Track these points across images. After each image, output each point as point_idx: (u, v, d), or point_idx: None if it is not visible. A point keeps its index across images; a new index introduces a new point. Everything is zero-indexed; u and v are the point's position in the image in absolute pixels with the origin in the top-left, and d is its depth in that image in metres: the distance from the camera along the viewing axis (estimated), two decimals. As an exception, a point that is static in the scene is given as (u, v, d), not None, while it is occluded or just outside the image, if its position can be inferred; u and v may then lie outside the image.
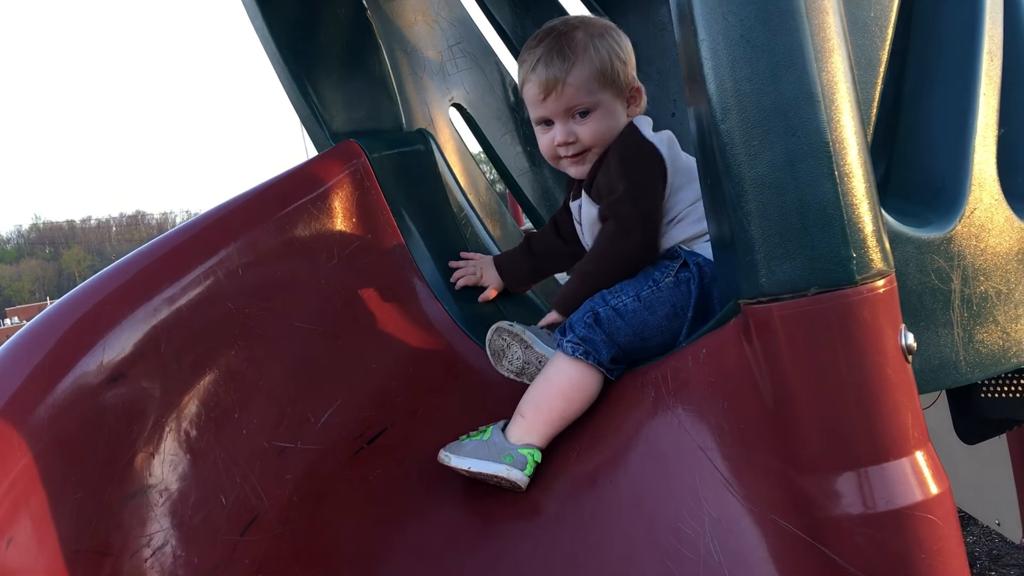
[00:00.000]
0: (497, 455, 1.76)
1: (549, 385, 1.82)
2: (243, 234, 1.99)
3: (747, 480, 1.42)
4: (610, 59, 2.00)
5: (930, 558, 1.24)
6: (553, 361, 1.86)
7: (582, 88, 1.99)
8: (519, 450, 1.76)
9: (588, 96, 2.00)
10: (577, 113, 2.02)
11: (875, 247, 1.28)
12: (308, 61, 2.44)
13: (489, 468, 1.75)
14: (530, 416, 1.80)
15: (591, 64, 1.99)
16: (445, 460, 1.80)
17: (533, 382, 1.88)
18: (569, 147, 2.04)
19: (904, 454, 1.27)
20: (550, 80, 2.00)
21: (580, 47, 2.00)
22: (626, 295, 1.87)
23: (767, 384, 1.34)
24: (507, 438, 1.79)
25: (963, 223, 1.52)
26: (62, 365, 1.57)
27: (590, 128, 2.02)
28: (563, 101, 2.01)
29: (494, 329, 2.02)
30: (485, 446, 1.79)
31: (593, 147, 2.04)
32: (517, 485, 1.73)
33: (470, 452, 1.79)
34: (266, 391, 1.89)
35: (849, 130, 1.27)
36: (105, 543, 1.51)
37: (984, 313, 1.52)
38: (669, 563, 1.44)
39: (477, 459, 1.77)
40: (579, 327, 1.83)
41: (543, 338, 2.00)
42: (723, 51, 1.29)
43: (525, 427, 1.80)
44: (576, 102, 2.01)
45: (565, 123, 2.03)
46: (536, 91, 2.03)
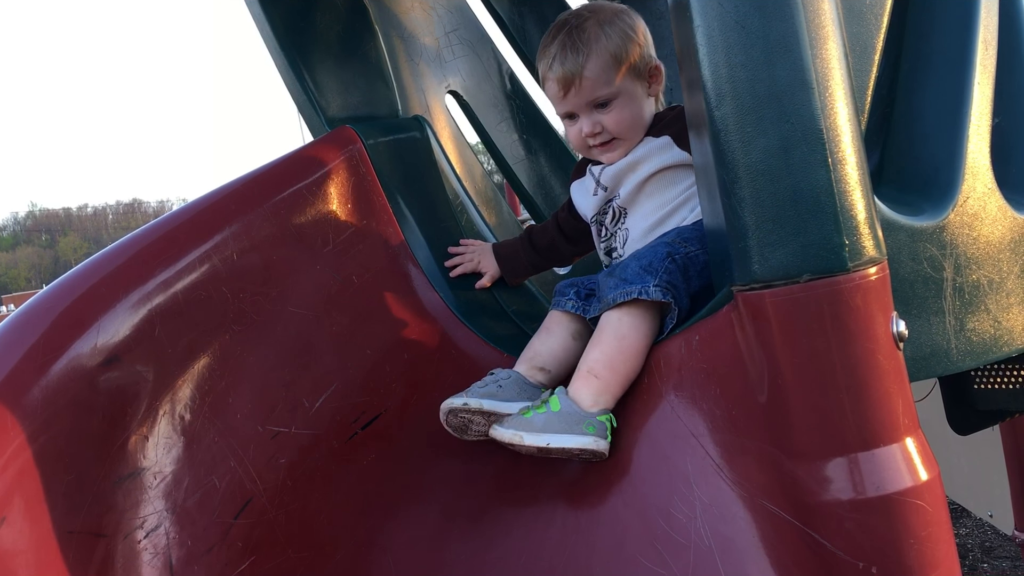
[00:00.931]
0: (576, 426, 1.62)
1: (623, 342, 1.70)
2: (238, 219, 1.99)
3: (738, 466, 1.43)
4: (623, 44, 2.01)
5: (919, 544, 1.25)
6: (620, 316, 1.73)
7: (600, 79, 2.01)
8: (598, 417, 1.64)
9: (607, 87, 2.01)
10: (599, 104, 2.03)
11: (868, 234, 1.28)
12: (304, 47, 2.43)
13: (572, 442, 1.60)
14: (606, 377, 1.68)
15: (605, 53, 2.00)
16: (514, 439, 1.64)
17: (596, 340, 1.75)
18: (597, 137, 2.06)
19: (894, 440, 1.28)
20: (567, 76, 2.01)
21: (592, 38, 2.00)
22: (692, 245, 1.82)
23: (759, 370, 1.35)
24: (580, 405, 1.66)
25: (956, 212, 1.52)
26: (56, 347, 1.57)
27: (614, 117, 2.03)
28: (583, 95, 2.02)
29: (447, 411, 1.82)
30: (559, 418, 1.64)
31: (622, 133, 2.05)
32: (601, 455, 1.62)
33: (544, 427, 1.63)
34: (260, 376, 1.89)
35: (843, 117, 1.28)
36: (99, 525, 1.52)
37: (976, 302, 1.53)
38: (660, 548, 1.45)
39: (555, 434, 1.62)
40: (661, 272, 1.74)
41: (497, 394, 1.81)
42: (718, 37, 1.29)
43: (599, 389, 1.67)
44: (596, 94, 2.02)
45: (589, 115, 2.05)
46: (556, 88, 2.05)
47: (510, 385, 1.86)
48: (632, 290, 1.73)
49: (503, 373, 1.91)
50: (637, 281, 1.74)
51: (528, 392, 1.85)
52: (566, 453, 1.62)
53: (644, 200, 2.06)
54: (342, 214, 2.22)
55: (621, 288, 1.75)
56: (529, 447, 1.63)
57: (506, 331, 2.23)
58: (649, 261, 1.78)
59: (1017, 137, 1.77)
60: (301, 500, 1.80)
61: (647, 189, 2.05)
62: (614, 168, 2.09)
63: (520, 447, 1.64)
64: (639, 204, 2.07)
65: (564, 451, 1.62)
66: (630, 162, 2.06)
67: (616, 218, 2.12)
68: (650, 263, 1.78)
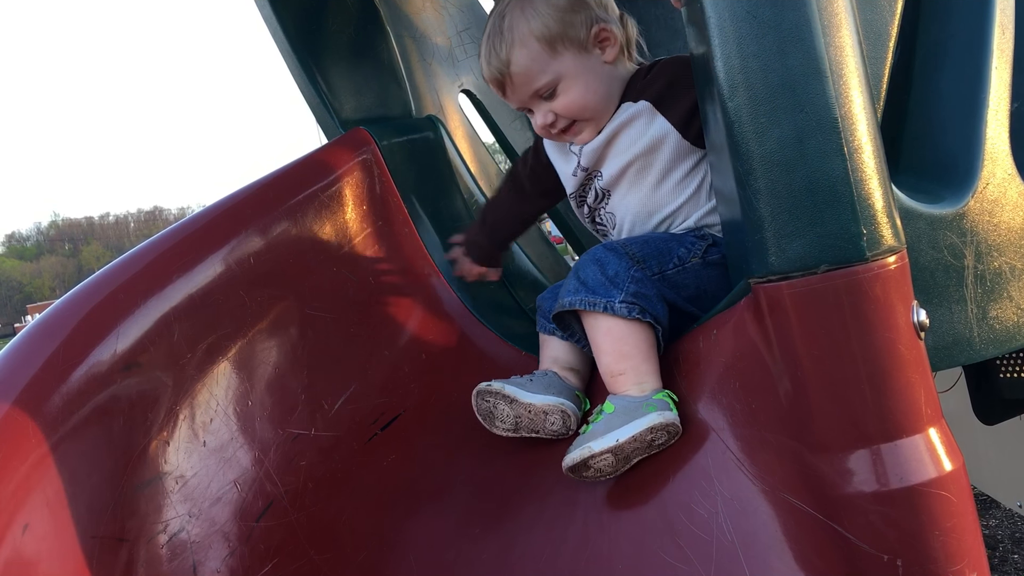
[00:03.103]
0: (636, 412, 1.54)
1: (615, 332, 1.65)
2: (254, 223, 2.00)
3: (759, 459, 1.42)
4: (550, 21, 1.81)
5: (944, 535, 1.24)
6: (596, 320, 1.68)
7: (532, 69, 1.84)
8: (653, 397, 1.58)
9: (543, 75, 1.84)
10: (543, 95, 1.87)
11: (886, 223, 1.26)
12: (316, 49, 2.44)
13: (639, 426, 1.52)
14: (629, 368, 1.63)
15: (530, 39, 1.82)
16: (584, 453, 1.54)
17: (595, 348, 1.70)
18: (555, 126, 1.90)
19: (917, 431, 1.26)
20: (496, 76, 1.88)
21: (513, 26, 1.83)
22: (650, 269, 1.73)
23: (778, 363, 1.34)
24: (630, 395, 1.60)
25: (976, 199, 1.50)
26: (76, 354, 1.58)
27: (563, 102, 1.86)
28: (520, 91, 1.88)
29: (476, 393, 1.85)
30: (616, 416, 1.57)
31: (580, 116, 1.89)
32: (676, 428, 1.53)
33: (607, 428, 1.55)
34: (279, 378, 1.90)
35: (858, 105, 1.26)
36: (121, 529, 1.52)
37: (998, 289, 1.51)
38: (682, 543, 1.44)
39: (619, 428, 1.53)
40: (627, 283, 1.67)
41: (525, 385, 1.83)
42: (730, 28, 1.27)
43: (634, 379, 1.62)
44: (534, 86, 1.86)
45: (539, 107, 1.89)
46: (494, 88, 1.92)
47: (542, 379, 1.84)
48: (596, 302, 1.66)
49: (540, 372, 1.89)
50: (602, 293, 1.67)
51: (559, 388, 1.82)
52: (641, 442, 1.52)
53: (630, 189, 1.91)
54: (357, 216, 2.22)
55: (582, 295, 1.69)
56: (602, 454, 1.53)
57: (523, 329, 2.23)
58: (615, 271, 1.69)
59: (1038, 122, 1.74)
60: (322, 502, 1.80)
61: (631, 174, 1.90)
62: (591, 146, 1.92)
63: (596, 460, 1.54)
64: (623, 192, 1.93)
65: (637, 440, 1.51)
66: (608, 135, 1.89)
67: (599, 198, 1.98)
68: (615, 274, 1.69)
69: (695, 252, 1.78)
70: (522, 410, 1.80)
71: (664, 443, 1.55)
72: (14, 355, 1.56)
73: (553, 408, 1.79)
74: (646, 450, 1.54)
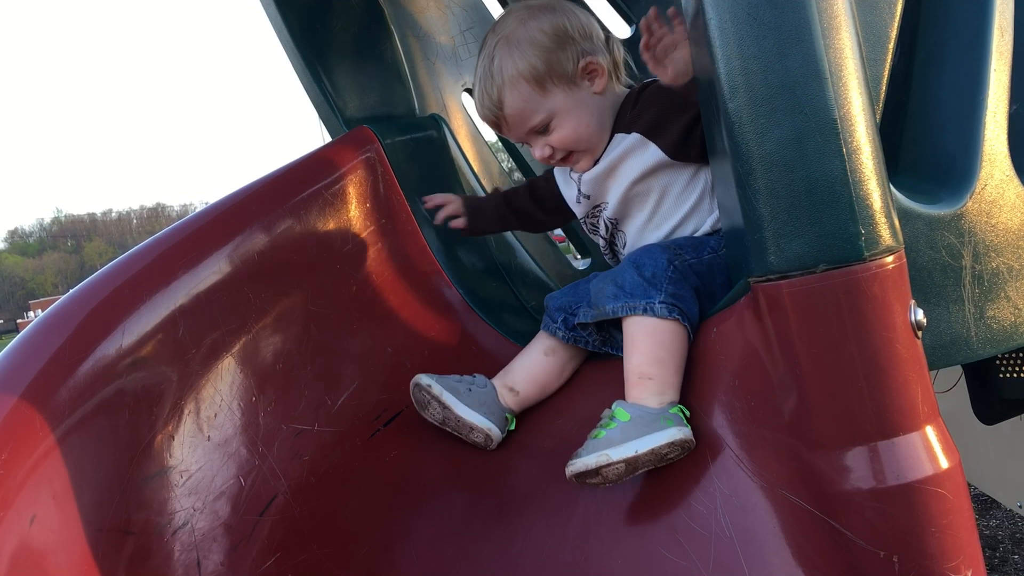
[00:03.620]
0: (654, 424, 1.53)
1: (657, 335, 1.65)
2: (259, 220, 2.01)
3: (758, 456, 1.43)
4: (536, 60, 1.85)
5: (940, 532, 1.25)
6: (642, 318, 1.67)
7: (525, 109, 1.88)
8: (669, 410, 1.57)
9: (536, 113, 1.89)
10: (538, 131, 1.92)
11: (884, 223, 1.28)
12: (321, 48, 2.46)
13: (658, 440, 1.51)
14: (659, 375, 1.62)
15: (519, 80, 1.86)
16: (600, 460, 1.52)
17: (631, 345, 1.68)
18: (554, 157, 1.96)
19: (914, 428, 1.28)
20: (491, 119, 1.94)
21: (502, 68, 1.87)
22: (688, 254, 1.76)
23: (777, 361, 1.35)
24: (647, 406, 1.59)
25: (974, 199, 1.51)
26: (82, 349, 1.60)
27: (558, 136, 1.91)
28: (516, 129, 1.93)
29: (414, 384, 1.93)
30: (633, 425, 1.55)
31: (576, 147, 1.94)
32: (691, 444, 1.53)
33: (624, 437, 1.53)
34: (282, 374, 1.92)
35: (857, 106, 1.27)
36: (127, 522, 1.54)
37: (995, 289, 1.52)
38: (681, 539, 1.46)
39: (637, 439, 1.52)
40: (665, 283, 1.68)
41: (462, 395, 1.88)
42: (730, 29, 1.29)
43: (658, 388, 1.61)
44: (528, 125, 1.91)
45: (535, 141, 1.94)
46: (492, 128, 2.00)
47: (480, 394, 1.90)
48: (636, 305, 1.68)
49: (482, 381, 1.94)
50: (640, 295, 1.68)
51: (491, 408, 1.89)
52: (656, 456, 1.52)
53: (635, 212, 1.96)
54: (361, 213, 2.24)
55: (623, 300, 1.70)
56: (618, 463, 1.51)
57: (525, 327, 2.25)
58: (652, 272, 1.71)
59: (1037, 124, 1.76)
60: (325, 497, 1.82)
61: (634, 200, 1.94)
62: (591, 176, 1.98)
63: (608, 469, 1.52)
64: (630, 216, 1.98)
65: (653, 453, 1.51)
66: (605, 168, 1.94)
67: (609, 229, 2.04)
68: (653, 275, 1.70)
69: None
70: (451, 415, 1.89)
71: (675, 458, 1.54)
72: (21, 349, 1.58)
73: (479, 427, 1.88)
74: (657, 463, 1.54)
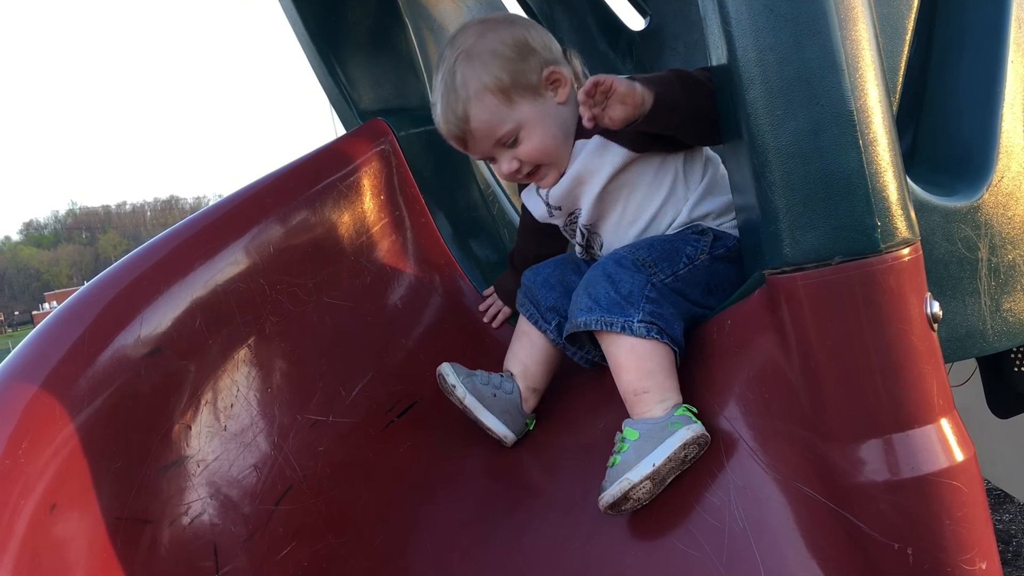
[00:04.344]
0: (663, 433, 1.52)
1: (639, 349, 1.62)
2: (274, 212, 2.03)
3: (772, 449, 1.43)
4: (500, 72, 1.80)
5: (955, 524, 1.25)
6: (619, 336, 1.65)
7: (492, 123, 1.82)
8: (674, 414, 1.56)
9: (503, 125, 1.82)
10: (507, 143, 1.85)
11: (900, 215, 1.28)
12: (335, 40, 2.47)
13: (672, 446, 1.50)
14: (653, 385, 1.61)
15: (484, 93, 1.80)
16: (624, 487, 1.50)
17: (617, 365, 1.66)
18: (521, 172, 1.89)
19: (929, 421, 1.28)
20: (455, 134, 1.87)
21: (464, 83, 1.81)
22: (663, 272, 1.72)
23: (792, 353, 1.35)
24: (652, 418, 1.58)
25: (990, 192, 1.51)
26: (101, 340, 1.61)
27: (527, 148, 1.85)
28: (482, 144, 1.86)
29: (439, 375, 1.90)
30: (644, 441, 1.54)
31: (543, 160, 1.88)
32: (706, 438, 1.52)
33: (638, 456, 1.52)
34: (298, 365, 1.93)
35: (873, 98, 1.27)
36: (145, 511, 1.56)
37: (1012, 282, 1.51)
38: (695, 531, 1.46)
39: (651, 453, 1.51)
40: (642, 302, 1.65)
41: (486, 399, 1.86)
42: (746, 21, 1.29)
43: (656, 398, 1.60)
44: (494, 137, 1.84)
45: (502, 155, 1.87)
46: (453, 143, 1.90)
47: (505, 401, 1.88)
48: (613, 321, 1.64)
49: (509, 385, 1.90)
50: (617, 312, 1.65)
51: (514, 417, 1.88)
52: (675, 461, 1.50)
53: (609, 213, 1.91)
54: (375, 205, 2.25)
55: (597, 314, 1.66)
56: (641, 483, 1.50)
57: (540, 319, 2.24)
58: (629, 290, 1.66)
59: (1053, 115, 1.74)
60: (340, 487, 1.83)
61: (606, 201, 1.89)
62: (558, 189, 1.92)
63: (635, 491, 1.51)
64: (605, 218, 1.92)
65: (671, 460, 1.50)
66: (573, 177, 1.89)
67: (585, 235, 1.98)
68: (629, 292, 1.66)
69: (702, 249, 1.78)
70: (470, 415, 1.88)
71: (696, 456, 1.53)
72: (41, 340, 1.60)
73: (497, 433, 1.87)
74: (680, 467, 1.52)
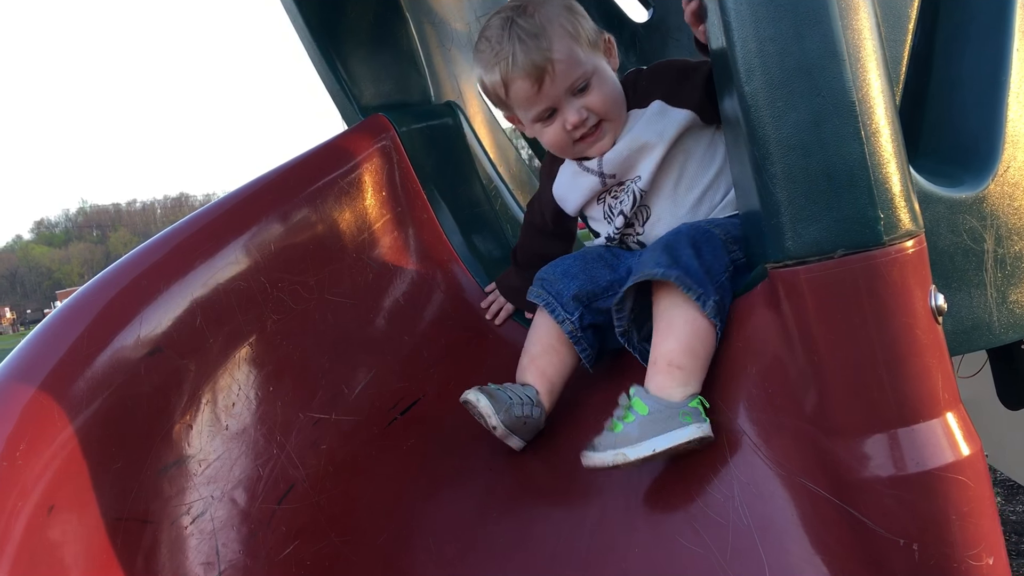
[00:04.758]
0: (673, 421, 1.51)
1: (696, 323, 1.58)
2: (275, 209, 2.02)
3: (776, 444, 1.42)
4: (574, 21, 1.86)
5: (961, 519, 1.24)
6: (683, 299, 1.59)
7: (572, 60, 1.84)
8: (689, 404, 1.53)
9: (580, 66, 1.85)
10: (577, 89, 1.86)
11: (903, 207, 1.26)
12: (336, 36, 2.45)
13: (676, 439, 1.49)
14: (689, 365, 1.56)
15: (563, 32, 1.84)
16: (617, 460, 1.51)
17: (666, 328, 1.61)
18: (585, 125, 1.88)
19: (934, 416, 1.26)
20: (537, 66, 1.82)
21: (545, 21, 1.84)
22: (739, 256, 1.67)
23: (795, 348, 1.34)
24: (668, 399, 1.54)
25: (996, 182, 1.49)
26: (101, 340, 1.61)
27: (598, 96, 1.87)
28: (560, 82, 1.84)
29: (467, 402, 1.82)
30: (652, 420, 1.52)
31: (609, 113, 1.89)
32: (709, 439, 1.50)
33: (641, 435, 1.51)
34: (300, 363, 1.93)
35: (876, 88, 1.25)
36: (146, 511, 1.56)
37: (1018, 273, 1.49)
38: (698, 527, 1.45)
39: (655, 437, 1.50)
40: (722, 281, 1.60)
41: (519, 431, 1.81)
42: (746, 11, 1.27)
43: (684, 379, 1.56)
44: (573, 77, 1.85)
45: (570, 103, 1.87)
46: (527, 85, 1.85)
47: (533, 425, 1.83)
48: (691, 286, 1.58)
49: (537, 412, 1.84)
50: (697, 281, 1.59)
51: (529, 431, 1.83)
52: (673, 452, 1.50)
53: (667, 179, 1.92)
54: (377, 202, 2.24)
55: (677, 272, 1.59)
56: (636, 461, 1.50)
57: (543, 314, 2.23)
58: (711, 264, 1.62)
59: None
60: (343, 485, 1.83)
61: (666, 168, 1.90)
62: (616, 154, 1.93)
63: (625, 466, 1.51)
64: (663, 185, 1.92)
65: (671, 451, 1.50)
66: (631, 143, 1.91)
67: (636, 202, 1.94)
68: (711, 267, 1.62)
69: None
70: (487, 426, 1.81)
71: (692, 449, 1.51)
72: (40, 341, 1.59)
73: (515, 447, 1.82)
74: (673, 454, 1.52)
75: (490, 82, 1.92)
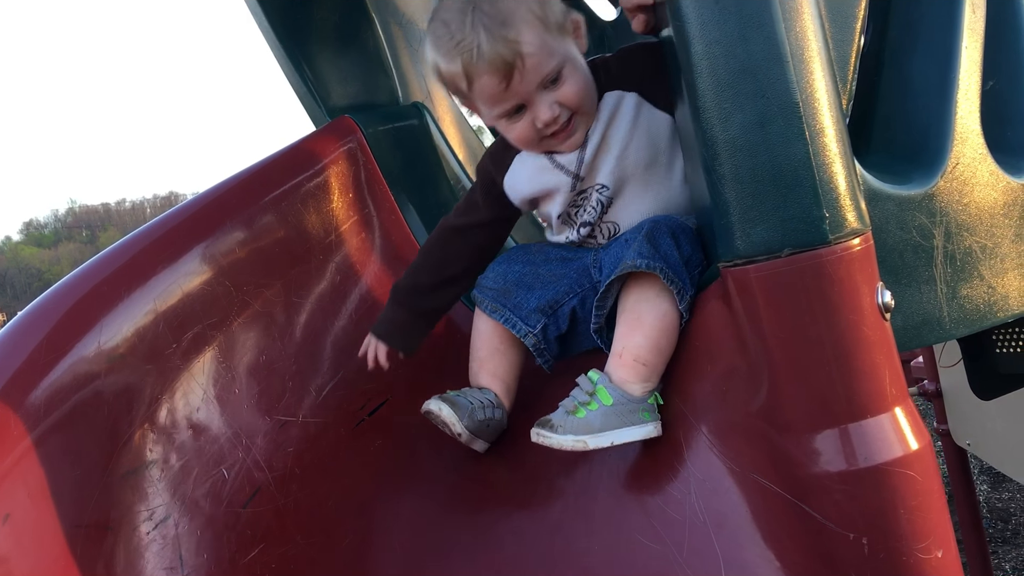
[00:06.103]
0: (633, 416, 1.53)
1: (665, 320, 1.56)
2: (239, 213, 2.02)
3: (731, 441, 1.44)
4: (541, 7, 1.67)
5: (909, 513, 1.25)
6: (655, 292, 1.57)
7: (543, 51, 1.65)
8: (648, 401, 1.56)
9: (552, 57, 1.66)
10: (549, 82, 1.68)
11: (849, 206, 1.27)
12: (302, 37, 2.45)
13: (634, 434, 1.53)
14: (653, 362, 1.56)
15: (532, 18, 1.65)
16: (576, 445, 1.53)
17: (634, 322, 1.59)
18: (558, 120, 1.71)
19: (883, 411, 1.28)
20: (506, 60, 1.63)
21: (510, 11, 1.64)
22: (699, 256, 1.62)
23: (747, 345, 1.35)
24: (630, 392, 1.55)
25: (945, 178, 1.50)
26: (59, 348, 1.61)
27: (570, 89, 1.69)
28: (530, 77, 1.66)
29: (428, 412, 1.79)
30: (615, 411, 1.53)
31: (579, 110, 1.72)
32: (657, 436, 1.54)
33: (603, 425, 1.53)
34: (266, 366, 1.93)
35: (820, 89, 1.27)
36: (106, 518, 1.56)
37: (968, 268, 1.51)
38: (655, 524, 1.46)
39: (616, 430, 1.52)
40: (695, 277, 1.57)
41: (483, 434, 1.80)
42: (693, 14, 1.28)
43: (647, 375, 1.56)
44: (545, 70, 1.66)
45: (542, 99, 1.69)
46: (494, 81, 1.65)
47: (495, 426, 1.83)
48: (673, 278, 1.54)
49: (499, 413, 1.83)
50: (678, 274, 1.55)
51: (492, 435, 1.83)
52: (625, 443, 1.54)
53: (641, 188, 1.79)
54: (344, 204, 2.24)
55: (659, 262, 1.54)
56: (597, 448, 1.53)
57: (510, 314, 2.24)
58: (688, 257, 1.58)
59: (1015, 100, 1.74)
60: (309, 488, 1.83)
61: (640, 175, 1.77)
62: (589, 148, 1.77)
63: (580, 451, 1.54)
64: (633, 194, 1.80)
65: (625, 443, 1.54)
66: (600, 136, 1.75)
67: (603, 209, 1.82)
68: (688, 261, 1.58)
69: None
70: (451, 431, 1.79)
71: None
72: (-3, 351, 1.59)
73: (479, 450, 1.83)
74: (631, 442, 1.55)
75: (448, 72, 1.71)
